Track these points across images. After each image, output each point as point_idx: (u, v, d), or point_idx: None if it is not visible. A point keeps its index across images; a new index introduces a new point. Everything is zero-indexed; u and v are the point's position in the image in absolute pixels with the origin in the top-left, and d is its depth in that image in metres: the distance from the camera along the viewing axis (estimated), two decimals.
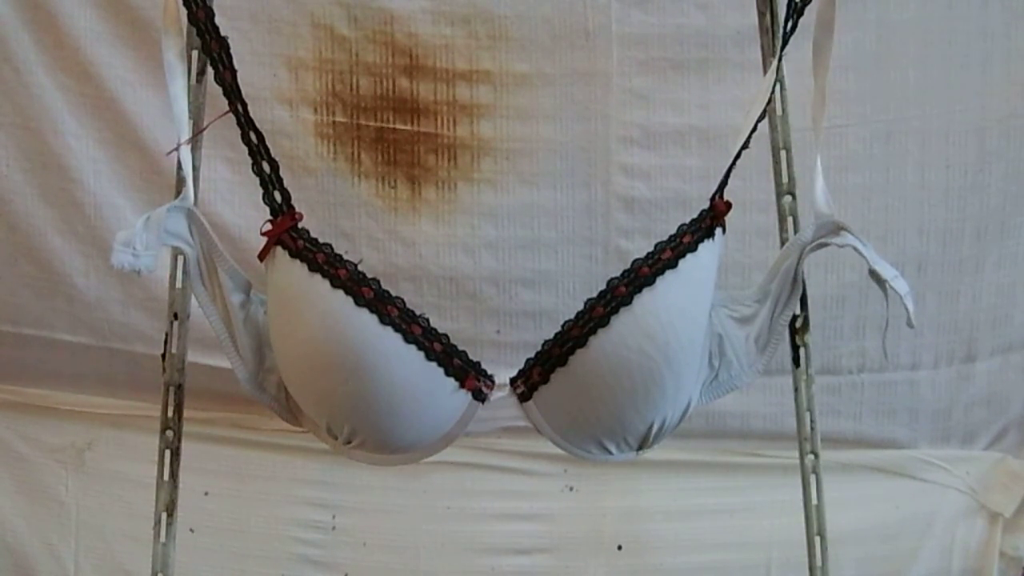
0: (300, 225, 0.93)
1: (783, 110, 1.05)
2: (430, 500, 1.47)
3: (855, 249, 0.94)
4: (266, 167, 0.94)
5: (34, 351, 1.46)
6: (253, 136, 0.94)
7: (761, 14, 1.05)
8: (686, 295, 0.94)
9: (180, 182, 0.95)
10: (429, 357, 0.92)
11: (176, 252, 0.98)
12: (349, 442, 0.95)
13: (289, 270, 0.92)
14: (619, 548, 1.48)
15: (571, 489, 1.48)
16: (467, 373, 0.94)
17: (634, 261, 0.93)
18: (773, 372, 1.07)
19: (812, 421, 1.08)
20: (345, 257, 0.92)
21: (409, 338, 0.91)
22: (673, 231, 0.95)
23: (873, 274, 0.94)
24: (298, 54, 1.36)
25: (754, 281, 1.03)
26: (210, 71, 0.95)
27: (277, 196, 0.94)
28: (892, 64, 1.38)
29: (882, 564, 1.49)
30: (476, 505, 1.48)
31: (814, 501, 1.08)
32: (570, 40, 1.35)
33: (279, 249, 0.92)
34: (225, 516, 1.47)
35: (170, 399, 1.02)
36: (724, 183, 0.97)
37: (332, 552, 1.47)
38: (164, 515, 1.02)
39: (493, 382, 0.96)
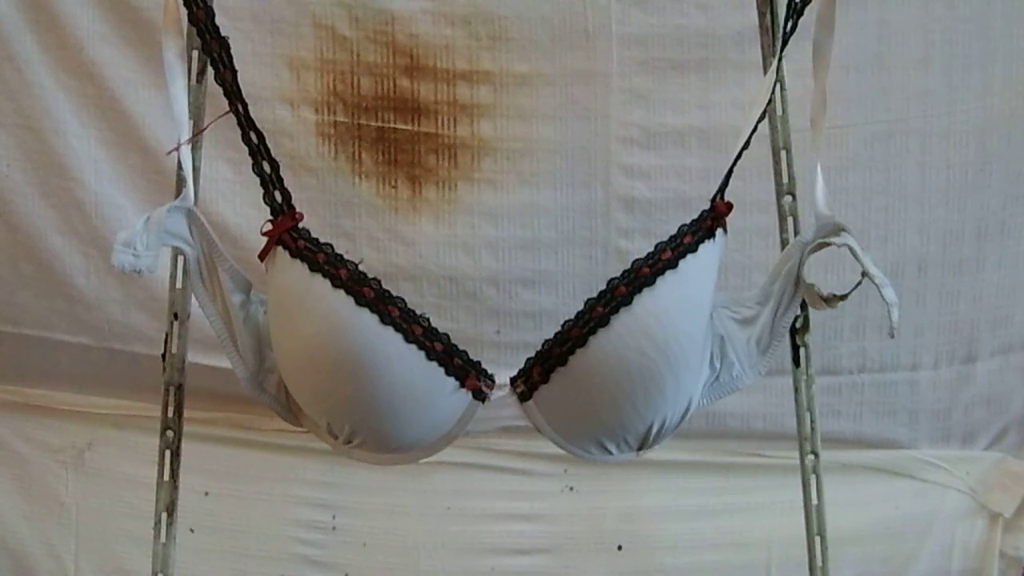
0: (301, 225, 0.93)
1: (783, 110, 1.05)
2: (430, 500, 1.47)
3: (851, 250, 0.94)
4: (267, 167, 0.94)
5: (34, 351, 1.46)
6: (254, 136, 0.94)
7: (761, 14, 1.05)
8: (686, 295, 0.94)
9: (180, 182, 0.95)
10: (430, 357, 0.92)
11: (176, 252, 0.98)
12: (349, 442, 0.95)
13: (290, 270, 0.92)
14: (619, 548, 1.48)
15: (571, 489, 1.48)
16: (467, 373, 0.94)
17: (634, 261, 0.93)
18: (773, 372, 1.07)
19: (812, 421, 1.08)
20: (346, 257, 0.92)
21: (410, 338, 0.91)
22: (673, 231, 0.95)
23: (866, 275, 0.94)
24: (299, 54, 1.36)
25: (754, 281, 1.03)
26: (210, 71, 0.95)
27: (278, 196, 0.94)
28: (893, 64, 1.38)
29: (882, 564, 1.49)
30: (476, 505, 1.48)
31: (814, 501, 1.08)
32: (570, 40, 1.35)
33: (280, 249, 0.92)
34: (225, 516, 1.47)
35: (170, 399, 1.02)
36: (725, 184, 0.97)
37: (332, 552, 1.47)
38: (164, 515, 1.02)
39: (493, 382, 0.96)
